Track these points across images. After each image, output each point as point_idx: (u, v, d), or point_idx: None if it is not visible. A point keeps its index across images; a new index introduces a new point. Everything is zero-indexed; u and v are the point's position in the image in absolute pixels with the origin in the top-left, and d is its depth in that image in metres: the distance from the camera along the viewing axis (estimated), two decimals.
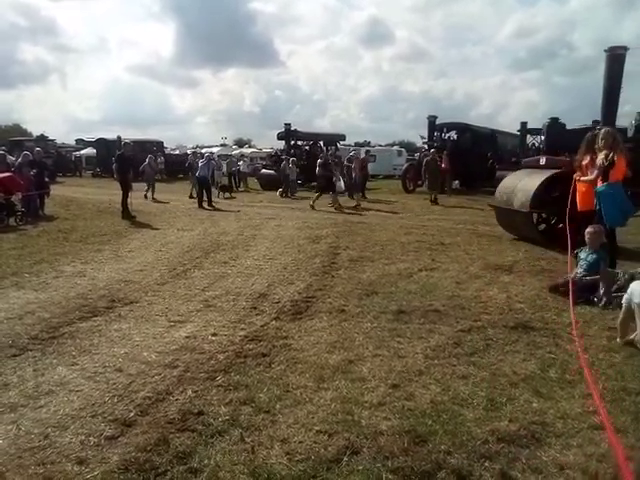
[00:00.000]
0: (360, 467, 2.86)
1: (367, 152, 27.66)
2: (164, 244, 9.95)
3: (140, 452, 2.93)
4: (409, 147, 48.06)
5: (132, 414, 3.39)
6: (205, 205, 16.68)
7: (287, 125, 26.74)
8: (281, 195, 21.66)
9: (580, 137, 10.85)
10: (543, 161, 10.65)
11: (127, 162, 14.23)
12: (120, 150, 14.67)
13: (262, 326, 5.22)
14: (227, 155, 33.83)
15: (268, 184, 24.73)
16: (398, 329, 5.13)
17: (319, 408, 3.49)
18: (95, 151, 36.31)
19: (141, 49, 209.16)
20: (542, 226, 10.73)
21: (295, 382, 3.89)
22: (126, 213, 13.48)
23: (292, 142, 27.15)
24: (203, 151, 39.70)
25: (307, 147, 28.09)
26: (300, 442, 3.08)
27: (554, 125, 11.47)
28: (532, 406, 3.56)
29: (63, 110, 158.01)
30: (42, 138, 35.81)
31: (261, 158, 36.92)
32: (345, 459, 2.92)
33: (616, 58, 10.24)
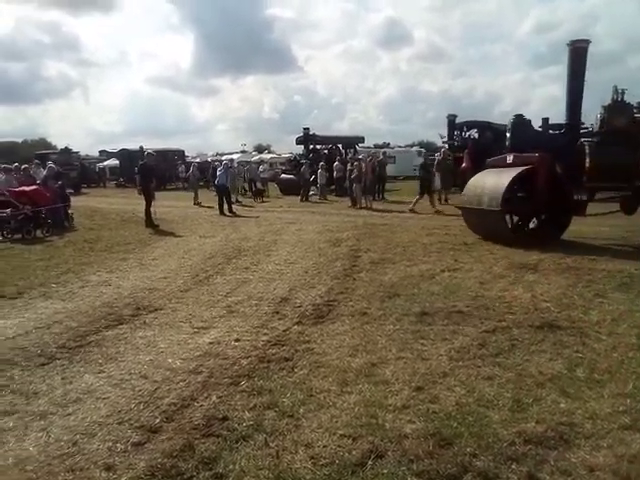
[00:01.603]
0: (385, 471, 2.84)
1: (384, 154, 27.48)
2: (187, 251, 10.06)
3: (166, 458, 2.96)
4: (429, 147, 47.67)
5: (158, 420, 3.43)
6: (226, 212, 16.81)
7: (305, 129, 26.83)
8: (301, 199, 21.72)
9: (545, 135, 10.64)
10: (510, 159, 10.33)
11: (150, 172, 14.44)
12: (143, 160, 14.89)
13: (284, 331, 5.23)
14: (247, 162, 34.04)
15: (288, 189, 24.84)
16: (421, 331, 5.09)
17: (343, 412, 3.48)
18: (118, 162, 36.97)
19: (160, 61, 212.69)
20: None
21: (318, 386, 3.89)
22: (149, 222, 13.67)
23: (311, 146, 27.22)
24: (223, 158, 40.12)
25: (326, 151, 28.11)
26: (324, 446, 3.07)
27: (519, 122, 10.90)
28: (559, 407, 3.49)
29: (86, 123, 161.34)
30: (66, 151, 36.48)
31: (280, 163, 37.07)
32: (370, 463, 2.90)
33: (578, 51, 10.02)
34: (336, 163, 23.17)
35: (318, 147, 28.04)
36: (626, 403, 3.48)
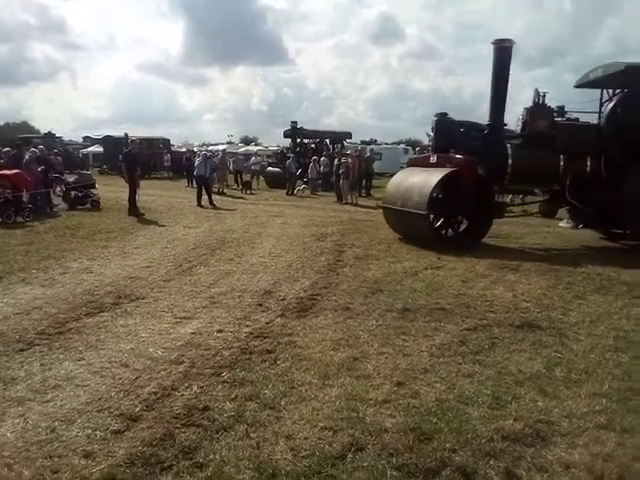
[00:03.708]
0: (365, 464, 2.86)
1: (371, 150, 27.55)
2: (170, 241, 9.98)
3: (146, 446, 2.94)
4: (416, 145, 47.86)
5: (138, 409, 3.40)
6: (205, 204, 16.47)
7: (293, 123, 26.76)
8: (287, 193, 21.68)
9: (468, 135, 10.53)
10: (434, 159, 10.25)
11: (134, 159, 14.28)
12: (127, 148, 14.71)
13: (267, 323, 5.23)
14: (233, 153, 33.80)
15: (274, 182, 24.76)
16: (403, 327, 5.12)
17: (324, 405, 3.50)
18: (102, 148, 36.43)
19: (150, 47, 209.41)
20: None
21: (300, 379, 3.90)
22: (133, 210, 13.52)
23: (298, 140, 27.16)
24: (210, 148, 39.81)
25: (313, 145, 28.07)
26: (305, 438, 3.08)
27: (443, 121, 10.55)
28: (537, 405, 3.55)
29: (71, 108, 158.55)
30: (49, 135, 35.92)
31: (267, 156, 36.92)
32: (350, 455, 2.92)
33: (503, 51, 10.00)
34: (323, 158, 23.14)
35: (306, 141, 28.00)
36: (602, 403, 3.56)
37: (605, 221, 10.43)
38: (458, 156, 9.82)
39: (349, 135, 30.95)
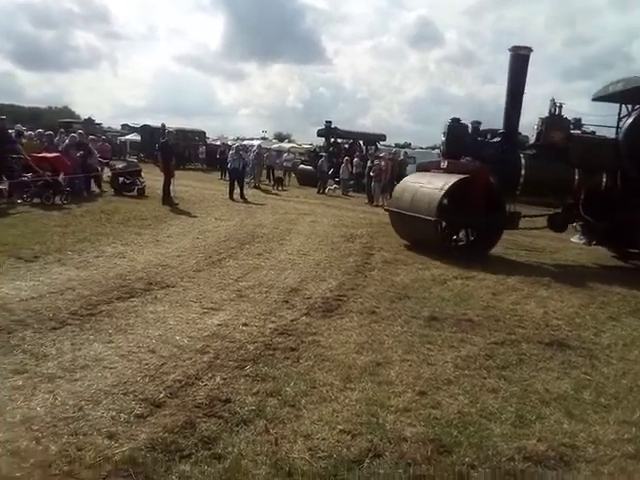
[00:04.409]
0: (381, 471, 2.85)
1: (405, 154, 27.34)
2: (201, 232, 10.11)
3: (167, 433, 2.99)
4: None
5: (162, 395, 3.46)
6: (237, 197, 16.66)
7: (328, 123, 26.80)
8: (318, 191, 21.73)
9: (481, 143, 10.23)
10: (444, 164, 9.97)
11: (170, 150, 14.52)
12: (164, 138, 14.96)
13: (292, 320, 5.24)
14: (266, 149, 34.03)
15: (305, 180, 24.85)
16: (429, 335, 5.07)
17: (344, 407, 3.49)
18: (139, 137, 37.13)
19: (189, 40, 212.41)
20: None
21: (322, 379, 3.90)
22: (167, 199, 13.73)
23: (332, 139, 27.17)
24: (244, 143, 40.13)
25: (346, 145, 28.05)
26: (323, 439, 3.08)
27: (456, 127, 10.24)
28: (563, 427, 3.47)
29: (111, 95, 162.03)
30: (89, 121, 36.83)
31: (300, 153, 37.03)
32: (367, 461, 2.91)
33: (520, 58, 9.71)
34: (355, 159, 23.10)
35: (339, 141, 27.98)
36: (631, 431, 3.45)
37: (619, 239, 10.07)
38: (470, 162, 9.61)
39: (383, 137, 30.81)
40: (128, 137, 41.75)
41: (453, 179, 9.13)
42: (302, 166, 26.86)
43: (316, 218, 13.46)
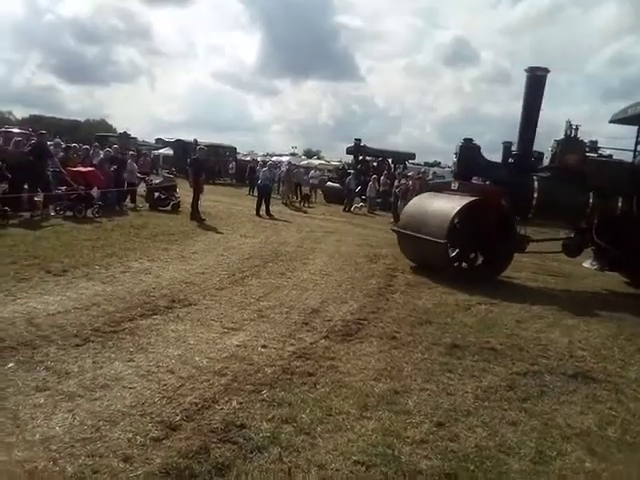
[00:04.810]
0: None
1: (434, 173, 27.25)
2: (226, 249, 10.23)
3: (182, 458, 3.01)
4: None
5: (178, 418, 3.49)
6: (263, 214, 16.82)
7: (357, 140, 26.96)
8: (344, 209, 21.78)
9: (494, 164, 9.99)
10: (455, 186, 9.72)
11: (200, 166, 14.80)
12: (195, 154, 15.26)
13: (311, 343, 5.24)
14: (295, 165, 34.34)
15: (332, 197, 24.94)
16: (450, 364, 5.00)
17: (360, 437, 3.46)
18: (172, 151, 37.95)
19: (226, 57, 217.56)
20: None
21: (338, 407, 3.88)
22: (195, 215, 13.97)
23: (360, 157, 27.28)
24: (273, 159, 40.57)
25: (375, 163, 28.11)
26: (337, 470, 3.06)
27: (468, 147, 9.98)
28: (584, 465, 3.37)
29: (148, 110, 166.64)
30: (125, 135, 37.80)
31: (328, 170, 37.22)
32: None
33: (536, 79, 9.49)
34: (382, 177, 23.11)
35: (368, 159, 28.08)
36: None
37: (633, 265, 9.69)
38: (482, 184, 9.47)
39: (412, 156, 30.83)
40: (161, 151, 42.73)
41: (464, 201, 8.95)
42: (329, 183, 27.00)
43: (341, 237, 13.49)
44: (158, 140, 49.57)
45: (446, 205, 9.15)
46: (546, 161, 9.99)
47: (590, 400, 4.43)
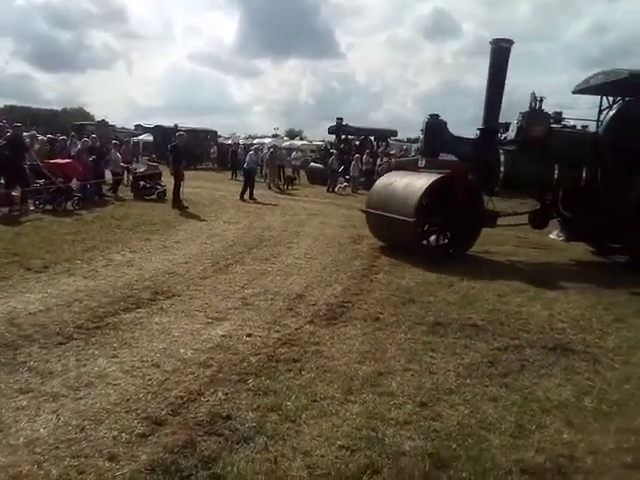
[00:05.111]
0: None
1: (416, 150, 27.23)
2: (210, 236, 10.19)
3: (168, 453, 3.04)
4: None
5: (164, 413, 3.52)
6: (247, 198, 16.72)
7: (339, 120, 26.80)
8: (327, 190, 21.74)
9: (460, 139, 9.92)
10: (422, 163, 9.67)
11: (180, 153, 14.63)
12: (174, 141, 15.07)
13: (296, 329, 5.28)
14: (278, 147, 34.10)
15: (316, 178, 24.86)
16: (432, 342, 5.08)
17: (344, 422, 3.52)
18: (152, 137, 37.42)
19: (204, 38, 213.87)
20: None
21: (323, 392, 3.93)
22: (177, 203, 13.86)
23: (342, 136, 27.14)
24: (255, 141, 40.23)
25: (357, 142, 28.01)
26: (322, 456, 3.12)
27: (433, 123, 9.82)
28: (562, 437, 3.47)
29: (126, 95, 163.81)
30: (103, 123, 37.14)
31: (311, 151, 37.03)
32: (365, 478, 2.94)
33: (500, 51, 9.43)
34: (365, 156, 23.06)
35: (350, 137, 27.95)
36: (631, 440, 3.44)
37: (599, 235, 9.82)
38: (448, 160, 9.45)
39: (394, 133, 30.74)
40: (141, 137, 42.10)
41: (432, 178, 8.88)
42: (312, 164, 26.89)
43: (325, 219, 13.49)
44: (137, 126, 48.74)
45: (414, 183, 9.06)
46: (512, 134, 9.94)
47: (569, 372, 4.54)
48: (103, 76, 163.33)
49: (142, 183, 15.55)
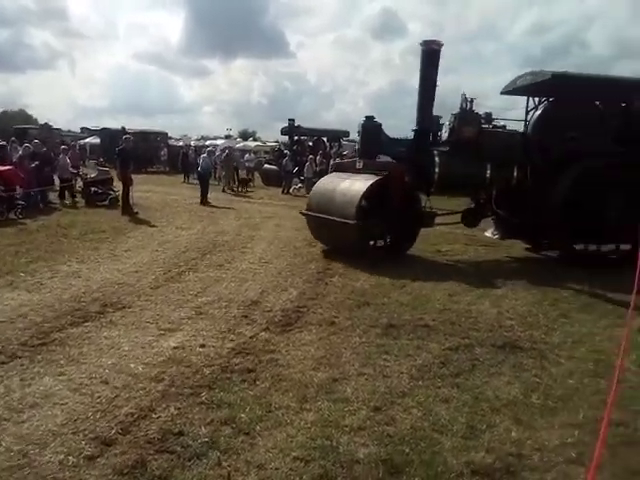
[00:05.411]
0: None
1: (354, 152, 27.61)
2: (161, 243, 9.98)
3: (117, 475, 2.95)
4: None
5: (113, 432, 3.41)
6: (209, 201, 16.50)
7: (291, 121, 26.74)
8: (282, 191, 21.70)
9: (395, 141, 10.10)
10: (360, 165, 9.80)
11: (127, 157, 14.25)
12: (121, 145, 14.66)
13: (251, 337, 5.24)
14: (232, 148, 33.73)
15: (270, 179, 24.76)
16: (386, 345, 5.14)
17: (299, 431, 3.51)
18: (99, 140, 36.29)
19: (150, 37, 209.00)
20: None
21: (278, 402, 3.91)
22: (126, 208, 13.50)
23: (295, 137, 27.13)
24: (208, 143, 39.66)
25: (310, 143, 28.06)
26: (276, 469, 3.10)
27: (369, 125, 9.92)
28: (511, 435, 3.57)
29: (70, 96, 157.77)
30: (47, 127, 35.76)
31: (265, 152, 36.85)
32: None
33: (431, 53, 9.65)
34: (318, 157, 23.14)
35: (303, 138, 27.97)
36: (574, 434, 3.58)
37: (530, 232, 10.14)
38: (386, 162, 9.55)
39: (346, 133, 30.88)
40: (87, 140, 40.78)
41: (371, 180, 8.93)
42: (266, 166, 26.76)
43: (280, 221, 13.45)
44: (84, 129, 47.25)
45: (353, 185, 9.07)
46: (445, 135, 10.12)
47: (517, 369, 4.68)
48: (45, 76, 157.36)
49: (94, 189, 15.08)
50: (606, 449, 3.39)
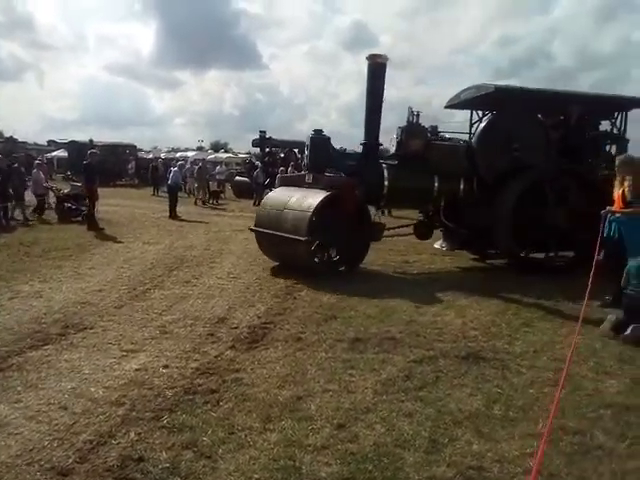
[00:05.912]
0: None
1: (304, 165, 27.82)
2: (127, 260, 9.82)
3: None
4: (383, 154, 48.23)
5: (70, 461, 3.33)
6: (179, 215, 16.37)
7: (262, 132, 26.78)
8: (254, 204, 21.63)
9: (344, 155, 10.17)
10: (310, 179, 9.67)
11: (93, 172, 14.04)
12: (87, 159, 14.43)
13: (216, 357, 5.18)
14: (203, 160, 33.55)
15: (242, 192, 24.69)
16: (352, 360, 5.15)
17: (262, 453, 3.49)
18: (67, 153, 35.68)
19: (120, 48, 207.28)
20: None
21: (241, 423, 3.87)
22: (92, 224, 13.27)
23: (267, 149, 27.15)
24: (178, 155, 39.36)
25: (282, 154, 28.11)
26: None
27: (318, 139, 9.84)
28: (472, 448, 3.61)
29: (37, 108, 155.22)
30: (12, 140, 35.01)
31: (237, 164, 36.74)
32: None
33: (377, 67, 9.68)
34: (290, 168, 23.16)
35: (275, 150, 28.01)
36: (533, 445, 3.63)
37: (478, 242, 10.32)
38: (335, 176, 9.55)
39: None
40: (55, 154, 40.04)
41: (321, 195, 8.75)
42: (238, 178, 26.68)
43: (250, 235, 13.30)
44: (51, 142, 46.44)
45: (304, 200, 8.85)
46: (392, 149, 10.23)
47: (480, 380, 4.74)
48: (11, 88, 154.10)
49: (67, 205, 14.78)
50: (562, 458, 3.50)
